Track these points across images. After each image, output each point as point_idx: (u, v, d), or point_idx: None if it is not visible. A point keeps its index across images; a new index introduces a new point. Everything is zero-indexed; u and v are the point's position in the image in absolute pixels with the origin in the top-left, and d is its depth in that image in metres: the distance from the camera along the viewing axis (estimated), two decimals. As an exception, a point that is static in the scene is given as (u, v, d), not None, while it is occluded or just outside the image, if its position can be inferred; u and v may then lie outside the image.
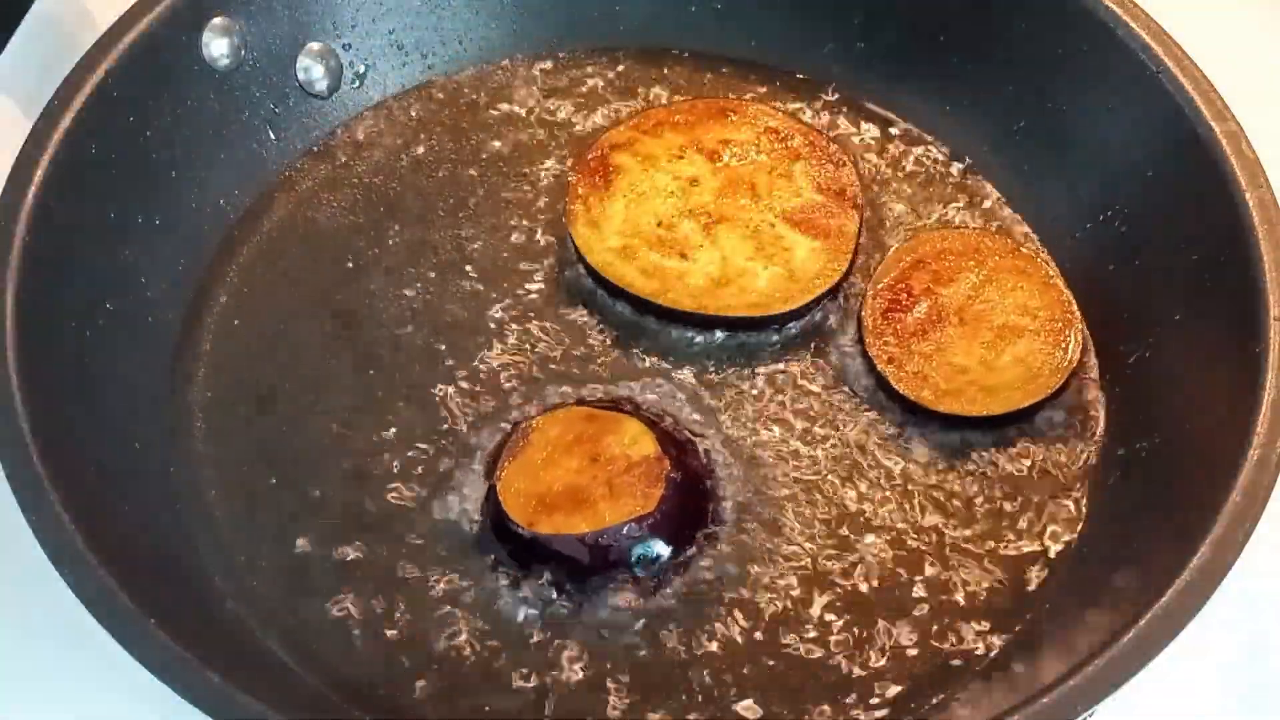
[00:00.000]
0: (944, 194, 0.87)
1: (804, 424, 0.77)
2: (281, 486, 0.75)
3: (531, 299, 0.82)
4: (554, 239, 0.84)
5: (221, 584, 0.71)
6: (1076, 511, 0.75)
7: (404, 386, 0.78)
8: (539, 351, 0.80)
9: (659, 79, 0.91)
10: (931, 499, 0.75)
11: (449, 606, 0.71)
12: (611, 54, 0.92)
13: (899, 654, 0.70)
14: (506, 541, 0.72)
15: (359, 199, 0.86)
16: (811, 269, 0.80)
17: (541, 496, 0.71)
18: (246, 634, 0.70)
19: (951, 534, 0.74)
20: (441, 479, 0.75)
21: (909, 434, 0.77)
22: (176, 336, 0.79)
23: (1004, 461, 0.76)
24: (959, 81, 0.87)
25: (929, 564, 0.73)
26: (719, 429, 0.77)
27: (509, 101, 0.90)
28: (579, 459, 0.72)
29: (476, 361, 0.79)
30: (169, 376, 0.78)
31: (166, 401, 0.77)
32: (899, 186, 0.87)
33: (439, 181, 0.87)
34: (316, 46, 0.87)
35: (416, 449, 0.76)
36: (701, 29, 0.92)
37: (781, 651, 0.70)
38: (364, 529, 0.73)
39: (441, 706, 0.68)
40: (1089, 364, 0.79)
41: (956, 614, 0.71)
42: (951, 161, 0.88)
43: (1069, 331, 0.78)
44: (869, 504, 0.75)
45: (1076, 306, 0.79)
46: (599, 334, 0.81)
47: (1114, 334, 0.79)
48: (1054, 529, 0.74)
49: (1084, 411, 0.78)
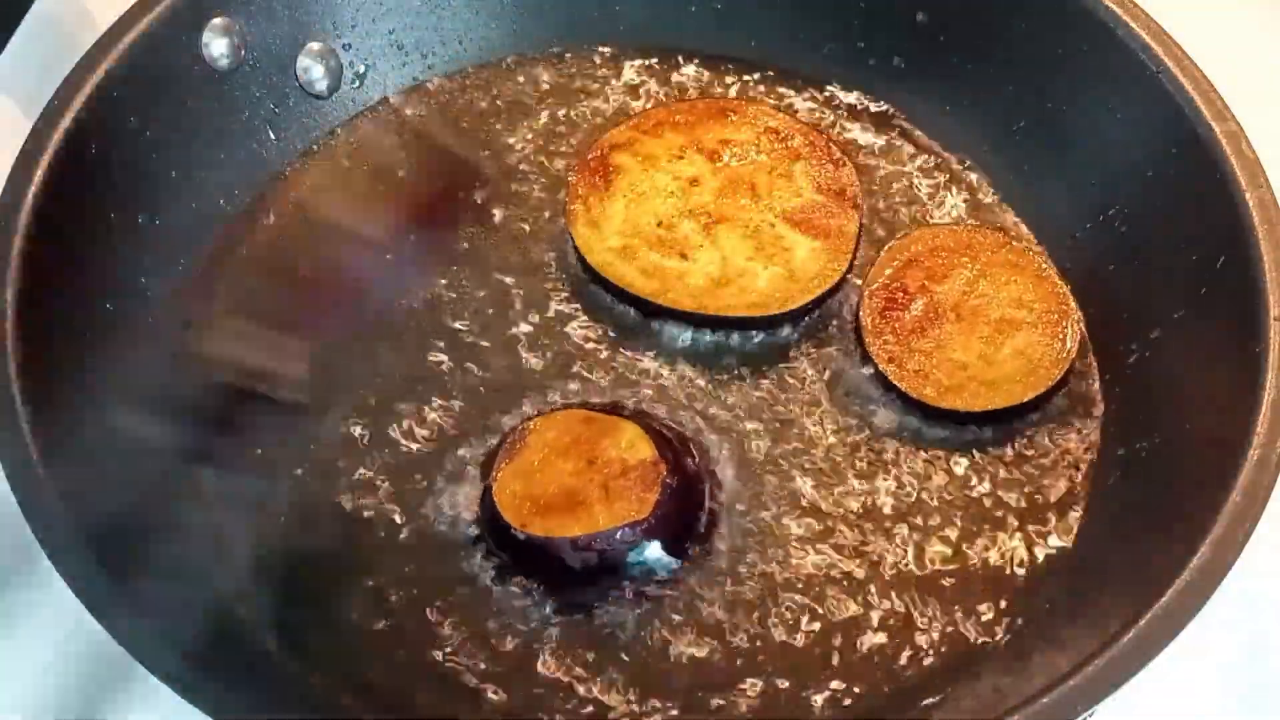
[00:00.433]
0: (944, 194, 0.86)
1: (804, 424, 0.77)
2: (281, 486, 0.75)
3: (531, 299, 0.82)
4: (554, 239, 0.84)
5: (222, 584, 0.71)
6: (1076, 511, 0.75)
7: (401, 386, 0.78)
8: (538, 352, 0.80)
9: (659, 79, 0.91)
10: (932, 498, 0.75)
11: (444, 607, 0.71)
12: (611, 54, 0.92)
13: (899, 653, 0.70)
14: (501, 543, 0.71)
15: (359, 199, 0.86)
16: (811, 269, 0.80)
17: (536, 499, 0.70)
18: (246, 634, 0.69)
19: (952, 532, 0.74)
20: (437, 479, 0.75)
21: (910, 433, 0.77)
22: (176, 336, 0.79)
23: (1004, 460, 0.76)
24: (959, 81, 0.87)
25: (929, 562, 0.73)
26: (718, 429, 0.77)
27: (509, 101, 0.90)
28: (575, 461, 0.71)
29: (474, 362, 0.79)
30: (169, 376, 0.78)
31: (166, 401, 0.77)
32: (899, 186, 0.87)
33: (439, 182, 0.87)
34: (316, 46, 0.87)
35: (414, 449, 0.76)
36: (701, 29, 0.92)
37: (781, 651, 0.70)
38: (362, 528, 0.73)
39: (439, 706, 0.68)
40: (1089, 364, 0.79)
41: (956, 612, 0.71)
42: (951, 161, 0.88)
43: (1066, 323, 0.78)
44: (870, 504, 0.75)
45: (1072, 299, 0.79)
46: (598, 334, 0.81)
47: (1114, 334, 0.79)
48: (1054, 528, 0.74)
49: (1084, 411, 0.78)
